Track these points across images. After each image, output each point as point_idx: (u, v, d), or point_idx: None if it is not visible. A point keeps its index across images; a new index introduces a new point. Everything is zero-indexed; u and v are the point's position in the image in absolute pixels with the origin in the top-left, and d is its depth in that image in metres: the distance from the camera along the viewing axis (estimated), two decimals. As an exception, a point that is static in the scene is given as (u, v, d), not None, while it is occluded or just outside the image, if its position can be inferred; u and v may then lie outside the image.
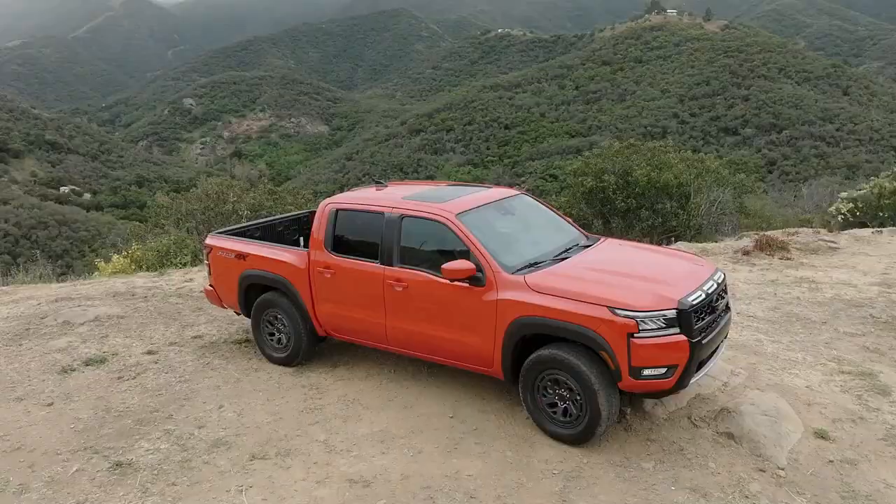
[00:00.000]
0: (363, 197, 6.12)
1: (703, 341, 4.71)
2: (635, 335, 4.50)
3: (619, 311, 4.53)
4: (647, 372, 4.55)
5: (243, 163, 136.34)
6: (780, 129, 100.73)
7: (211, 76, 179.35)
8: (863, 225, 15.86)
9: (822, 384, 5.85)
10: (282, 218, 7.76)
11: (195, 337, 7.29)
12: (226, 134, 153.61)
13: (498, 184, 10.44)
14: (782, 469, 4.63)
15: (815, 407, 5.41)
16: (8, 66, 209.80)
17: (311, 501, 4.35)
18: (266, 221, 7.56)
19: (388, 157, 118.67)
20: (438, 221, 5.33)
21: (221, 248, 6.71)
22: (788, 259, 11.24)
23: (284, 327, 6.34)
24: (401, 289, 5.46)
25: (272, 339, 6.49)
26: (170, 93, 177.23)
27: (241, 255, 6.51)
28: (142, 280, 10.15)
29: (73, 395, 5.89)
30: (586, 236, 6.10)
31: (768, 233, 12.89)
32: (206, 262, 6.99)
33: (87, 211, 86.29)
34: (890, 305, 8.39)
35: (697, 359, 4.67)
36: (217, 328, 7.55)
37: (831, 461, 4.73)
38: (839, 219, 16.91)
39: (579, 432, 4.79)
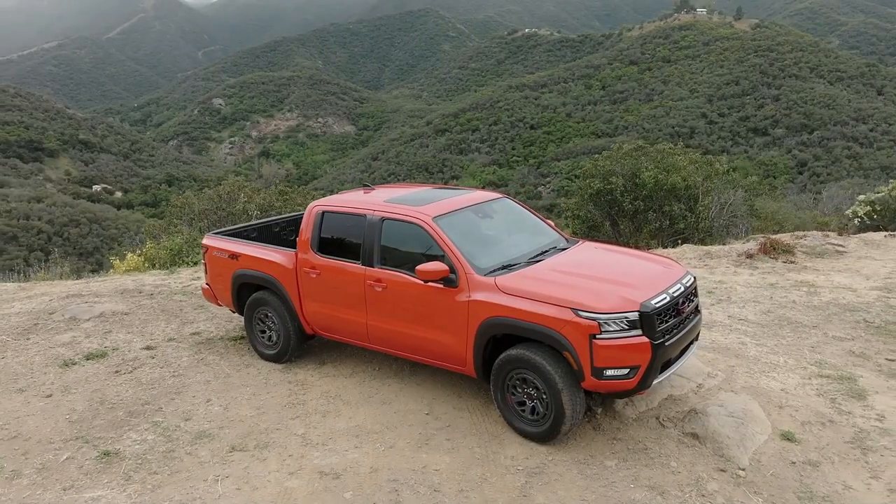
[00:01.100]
0: (348, 200, 6.32)
1: (667, 343, 4.81)
2: (597, 336, 4.62)
3: (581, 313, 4.65)
4: (609, 372, 4.66)
5: (271, 162, 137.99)
6: (812, 130, 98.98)
7: (240, 76, 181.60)
8: (879, 228, 15.67)
9: (797, 387, 5.90)
10: (278, 219, 7.99)
11: (193, 333, 7.55)
12: (254, 133, 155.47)
13: (483, 187, 10.54)
14: (743, 469, 4.72)
15: (787, 409, 5.48)
16: (44, 66, 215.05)
17: (282, 492, 4.55)
18: (263, 222, 7.79)
19: (413, 156, 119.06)
20: (416, 224, 5.50)
21: (216, 248, 6.96)
22: (792, 262, 11.20)
23: (274, 325, 6.56)
24: (381, 289, 5.64)
25: (263, 337, 6.72)
26: (200, 93, 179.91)
27: (234, 255, 6.75)
28: (151, 278, 10.48)
29: (72, 387, 6.18)
30: (566, 239, 6.22)
31: (775, 236, 12.84)
32: (202, 261, 7.25)
33: (118, 209, 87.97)
34: (886, 310, 8.36)
35: (660, 360, 4.78)
36: (215, 325, 7.80)
37: (794, 463, 4.80)
38: (855, 222, 16.72)
39: (545, 430, 4.93)
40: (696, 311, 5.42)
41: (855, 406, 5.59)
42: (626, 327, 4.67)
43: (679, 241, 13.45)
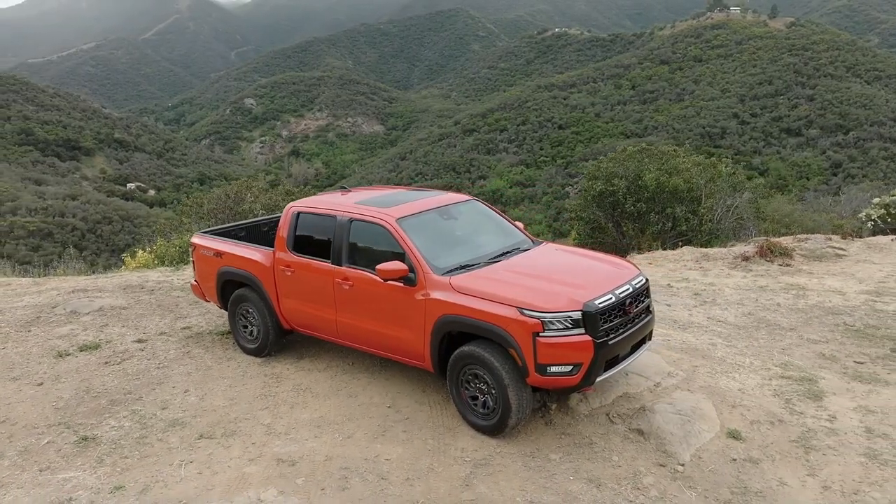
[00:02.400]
0: (322, 201, 6.59)
1: (611, 342, 4.98)
2: (541, 334, 4.81)
3: (526, 312, 4.85)
4: (552, 369, 4.85)
5: (300, 161, 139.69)
6: (847, 131, 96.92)
7: (271, 76, 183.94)
8: (894, 232, 15.50)
9: (756, 388, 6.01)
10: (266, 219, 8.29)
11: (184, 328, 7.90)
12: (284, 133, 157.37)
13: (458, 190, 10.72)
14: (682, 465, 4.87)
15: (739, 409, 5.60)
16: (83, 67, 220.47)
17: (239, 476, 4.83)
18: (251, 222, 8.11)
19: (440, 156, 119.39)
20: (380, 225, 5.75)
21: (203, 247, 7.29)
22: (788, 265, 11.21)
23: (255, 321, 6.87)
24: (348, 287, 5.90)
25: (245, 331, 7.03)
26: (232, 93, 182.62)
27: (218, 254, 7.07)
28: (157, 274, 10.89)
29: (62, 376, 6.55)
30: (532, 240, 6.41)
31: (775, 239, 12.81)
32: (191, 259, 7.58)
33: (151, 207, 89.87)
34: (870, 314, 8.39)
35: (604, 358, 4.95)
36: (206, 320, 8.14)
37: (734, 460, 4.94)
38: (869, 225, 16.56)
39: (494, 424, 5.14)
40: (648, 311, 5.57)
41: (809, 407, 5.69)
42: (569, 326, 4.85)
43: (680, 243, 13.49)
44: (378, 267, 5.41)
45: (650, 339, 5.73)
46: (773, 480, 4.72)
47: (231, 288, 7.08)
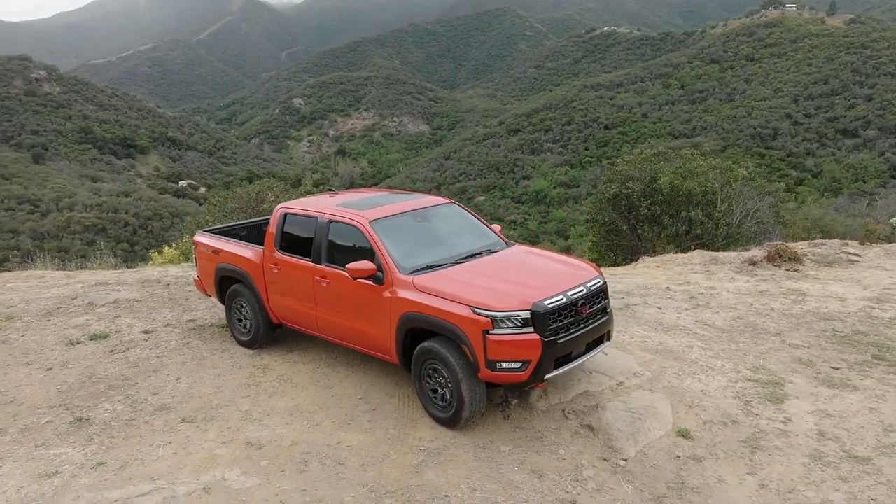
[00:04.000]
0: (308, 203, 6.98)
1: (560, 341, 5.21)
2: (491, 332, 5.07)
3: (478, 311, 5.12)
4: (502, 365, 5.11)
5: (346, 160, 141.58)
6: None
7: (320, 76, 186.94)
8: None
9: (718, 389, 6.14)
10: (267, 219, 8.70)
11: (189, 320, 8.39)
12: (331, 132, 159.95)
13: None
14: (626, 460, 5.08)
15: (696, 409, 5.75)
16: (140, 68, 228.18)
17: (210, 457, 5.23)
18: (252, 222, 8.55)
19: (484, 156, 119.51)
20: (354, 226, 6.09)
21: (204, 245, 7.76)
22: (795, 271, 11.15)
23: (248, 315, 7.29)
24: (325, 284, 6.26)
25: (240, 325, 7.46)
26: (281, 92, 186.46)
27: (216, 251, 7.53)
28: (176, 270, 11.48)
29: (70, 362, 7.08)
30: (506, 243, 6.66)
31: (790, 244, 12.72)
32: (193, 256, 8.06)
33: (200, 204, 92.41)
34: (863, 320, 8.36)
35: (552, 356, 5.18)
36: (211, 314, 8.62)
37: (678, 457, 5.11)
38: (898, 230, 16.24)
39: (451, 416, 5.43)
40: (604, 312, 5.76)
41: (767, 409, 5.80)
42: (519, 325, 5.10)
43: (692, 247, 13.49)
44: (348, 266, 5.75)
45: (609, 338, 5.92)
46: (711, 478, 4.88)
47: (227, 283, 7.52)
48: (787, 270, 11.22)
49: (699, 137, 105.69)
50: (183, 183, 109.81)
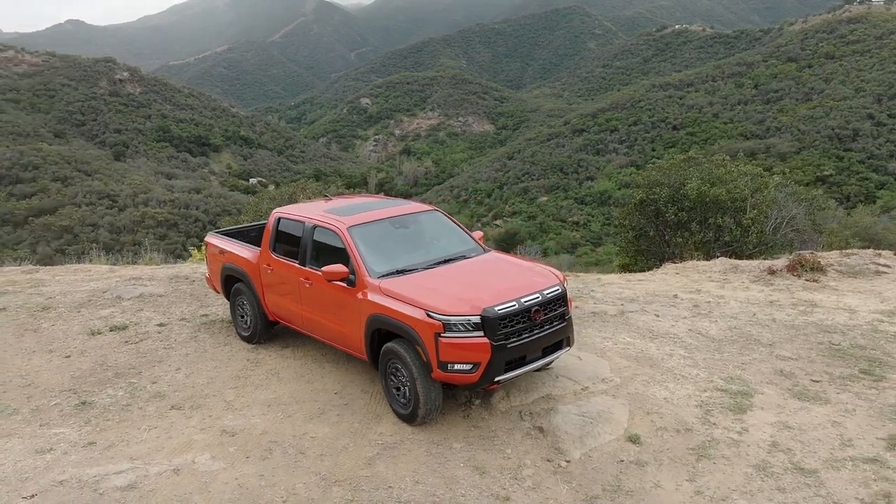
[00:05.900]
0: (299, 208, 7.41)
1: (510, 345, 5.44)
2: (442, 335, 5.36)
3: (431, 314, 5.41)
4: (453, 366, 5.39)
5: (411, 160, 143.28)
6: None
7: (387, 76, 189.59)
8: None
9: (683, 398, 6.23)
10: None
11: (203, 315, 8.97)
12: (397, 132, 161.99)
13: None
14: (568, 461, 5.27)
15: (653, 416, 5.88)
16: (216, 69, 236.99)
17: (187, 441, 5.70)
18: (262, 224, 9.04)
19: (548, 156, 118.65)
20: (333, 231, 6.47)
21: (213, 245, 8.31)
22: (815, 281, 10.93)
23: (248, 311, 7.78)
24: (308, 285, 6.67)
25: (242, 321, 7.97)
26: (350, 92, 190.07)
27: (222, 251, 8.06)
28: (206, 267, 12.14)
29: (88, 351, 7.73)
30: (484, 249, 6.91)
31: (817, 253, 12.43)
32: (204, 255, 8.63)
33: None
34: (866, 334, 8.21)
35: (502, 359, 5.42)
36: (224, 310, 9.16)
37: (621, 461, 5.27)
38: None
39: (409, 413, 5.75)
40: (562, 318, 5.93)
41: (726, 419, 5.86)
42: (470, 329, 5.37)
43: (718, 254, 13.34)
44: (323, 269, 6.14)
45: (569, 344, 6.10)
46: (649, 482, 5.03)
47: (231, 282, 8.04)
48: (807, 280, 10.99)
49: (773, 139, 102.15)
50: (253, 180, 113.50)
